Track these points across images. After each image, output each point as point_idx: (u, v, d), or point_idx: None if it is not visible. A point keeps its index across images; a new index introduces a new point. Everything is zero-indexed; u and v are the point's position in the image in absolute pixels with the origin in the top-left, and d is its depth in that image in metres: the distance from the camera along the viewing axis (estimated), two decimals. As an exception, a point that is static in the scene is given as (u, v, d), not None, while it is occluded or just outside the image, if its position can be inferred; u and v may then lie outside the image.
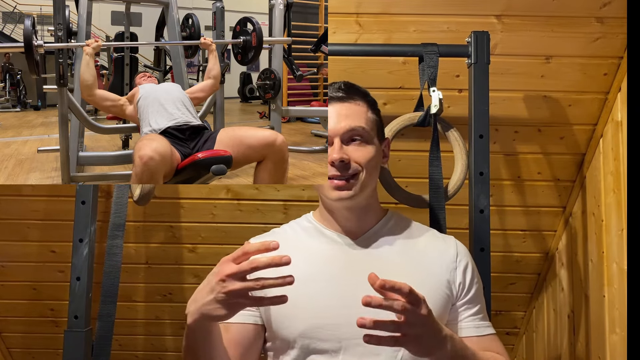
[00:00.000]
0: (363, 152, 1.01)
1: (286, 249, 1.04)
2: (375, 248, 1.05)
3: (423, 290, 0.84)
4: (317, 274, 1.00)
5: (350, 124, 1.00)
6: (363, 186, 1.02)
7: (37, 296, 1.97)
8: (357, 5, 1.56)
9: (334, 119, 1.01)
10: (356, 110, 1.03)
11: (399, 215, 1.13)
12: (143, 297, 1.98)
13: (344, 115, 1.01)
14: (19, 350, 2.11)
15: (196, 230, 1.86)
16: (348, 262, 1.03)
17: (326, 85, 5.29)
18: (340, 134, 1.00)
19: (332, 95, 1.03)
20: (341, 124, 1.00)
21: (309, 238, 1.08)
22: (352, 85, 1.07)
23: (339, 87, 1.04)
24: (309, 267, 1.01)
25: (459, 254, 1.07)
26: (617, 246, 1.55)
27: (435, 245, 1.08)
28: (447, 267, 1.04)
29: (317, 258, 1.03)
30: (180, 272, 1.93)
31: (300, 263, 1.01)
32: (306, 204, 1.80)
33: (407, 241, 1.07)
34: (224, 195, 1.81)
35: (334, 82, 1.07)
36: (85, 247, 1.36)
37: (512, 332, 2.12)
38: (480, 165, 1.37)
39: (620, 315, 1.52)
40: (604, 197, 1.62)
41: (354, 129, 1.00)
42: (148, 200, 1.42)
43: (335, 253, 1.04)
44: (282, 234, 1.10)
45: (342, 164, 0.98)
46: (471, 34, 1.40)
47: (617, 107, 1.57)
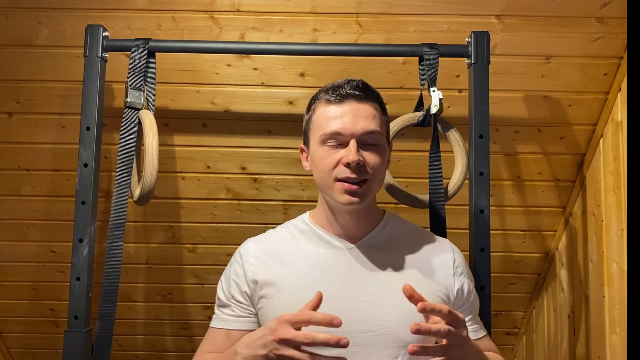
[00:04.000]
0: (377, 158, 0.99)
1: (285, 253, 1.04)
2: (375, 252, 1.03)
3: (423, 293, 0.84)
4: (319, 280, 0.99)
5: (369, 127, 0.97)
6: (372, 191, 1.01)
7: (37, 296, 1.97)
8: (357, 5, 1.56)
9: (350, 118, 0.97)
10: (373, 113, 1.00)
11: (395, 216, 1.12)
12: (143, 297, 1.98)
13: (362, 116, 0.98)
14: (19, 350, 2.11)
15: (196, 230, 1.86)
16: (349, 267, 1.01)
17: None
18: (358, 136, 0.97)
19: (349, 92, 0.99)
20: (359, 124, 0.97)
21: (308, 242, 1.05)
22: (369, 86, 1.03)
23: (357, 86, 1.00)
24: (310, 273, 1.00)
25: (456, 259, 1.07)
26: (617, 246, 1.55)
27: (433, 249, 1.08)
28: (446, 272, 1.04)
29: (318, 263, 1.02)
30: (180, 272, 1.93)
31: (301, 268, 1.01)
32: (306, 204, 1.80)
33: (406, 245, 1.06)
34: (224, 195, 1.81)
35: (349, 79, 1.03)
36: (85, 247, 1.35)
37: (512, 332, 2.12)
38: (480, 165, 1.37)
39: (620, 315, 1.52)
40: (604, 197, 1.62)
41: (372, 132, 0.98)
42: (148, 200, 1.42)
43: (336, 258, 1.03)
44: (278, 236, 1.09)
45: (358, 166, 0.95)
46: (471, 34, 1.40)
47: (617, 107, 1.57)
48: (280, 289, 1.00)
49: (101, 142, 1.43)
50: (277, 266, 1.02)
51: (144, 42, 1.42)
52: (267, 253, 1.05)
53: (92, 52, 1.41)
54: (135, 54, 1.41)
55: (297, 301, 0.90)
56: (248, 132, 1.72)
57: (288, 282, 1.00)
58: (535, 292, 2.01)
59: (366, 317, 0.94)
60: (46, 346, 2.08)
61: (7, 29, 1.58)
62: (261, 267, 1.03)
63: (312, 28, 1.59)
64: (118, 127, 1.41)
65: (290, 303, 0.94)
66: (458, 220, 1.73)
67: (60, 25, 1.58)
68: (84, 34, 1.42)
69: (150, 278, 1.94)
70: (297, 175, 1.77)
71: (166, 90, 1.64)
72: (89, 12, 1.57)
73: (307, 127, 1.04)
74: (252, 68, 1.64)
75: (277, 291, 0.99)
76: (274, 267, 1.02)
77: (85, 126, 1.39)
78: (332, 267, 1.01)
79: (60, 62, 1.62)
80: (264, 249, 1.05)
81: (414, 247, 1.07)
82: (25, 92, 1.66)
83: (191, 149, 1.74)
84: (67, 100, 1.66)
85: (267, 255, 1.04)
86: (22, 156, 1.74)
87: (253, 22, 1.59)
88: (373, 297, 0.97)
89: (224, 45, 1.51)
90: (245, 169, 1.77)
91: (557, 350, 1.92)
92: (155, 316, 2.02)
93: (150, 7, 1.57)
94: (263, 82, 1.66)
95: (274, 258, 1.03)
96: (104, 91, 1.44)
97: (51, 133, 1.71)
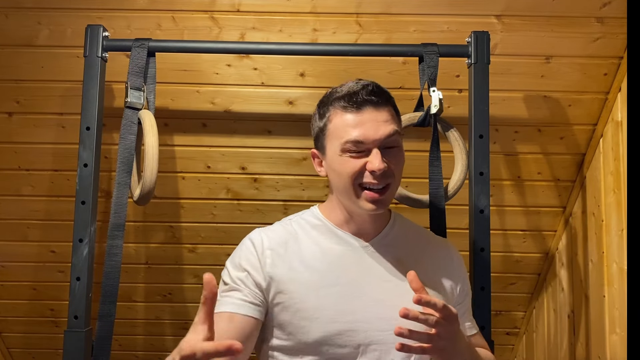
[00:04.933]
0: (399, 159, 0.98)
1: (301, 247, 1.02)
2: (387, 251, 1.04)
3: (433, 290, 0.89)
4: (336, 276, 0.98)
5: (390, 131, 0.96)
6: (393, 195, 1.00)
7: (37, 296, 1.97)
8: (357, 5, 1.56)
9: (370, 125, 0.95)
10: (390, 116, 0.98)
11: (400, 215, 1.13)
12: (143, 297, 1.98)
13: (382, 121, 0.96)
14: (19, 350, 2.11)
15: (196, 230, 1.86)
16: (366, 265, 1.01)
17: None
18: (380, 142, 0.95)
19: (366, 98, 0.96)
20: (380, 131, 0.95)
21: (323, 238, 1.04)
22: (382, 88, 1.01)
23: (372, 91, 0.97)
24: (328, 269, 0.99)
25: (458, 259, 1.10)
26: (617, 246, 1.55)
27: (437, 248, 1.10)
28: (450, 269, 1.07)
29: (335, 260, 1.01)
30: (180, 272, 1.93)
31: (319, 265, 1.00)
32: (306, 204, 1.80)
33: (413, 244, 1.08)
34: (224, 195, 1.81)
35: (362, 82, 1.00)
36: (85, 247, 1.36)
37: (512, 332, 2.12)
38: (480, 165, 1.37)
39: (620, 315, 1.52)
40: (604, 197, 1.62)
41: (392, 135, 0.96)
42: (148, 200, 1.42)
43: (353, 255, 1.02)
44: (290, 229, 1.06)
45: (384, 172, 0.94)
46: (471, 34, 1.40)
47: (617, 107, 1.57)
48: (300, 285, 0.98)
49: (101, 142, 1.43)
50: (294, 261, 1.00)
51: (144, 42, 1.42)
52: (282, 245, 1.02)
53: (92, 52, 1.41)
54: (135, 54, 1.41)
55: (316, 298, 0.92)
56: (248, 132, 1.72)
57: (308, 279, 0.98)
58: (535, 292, 2.01)
59: (384, 315, 0.94)
60: (46, 346, 2.08)
61: (7, 29, 1.58)
62: (279, 262, 1.00)
63: (312, 28, 1.59)
64: (118, 127, 1.41)
65: (309, 300, 0.95)
66: (458, 220, 1.73)
67: (60, 25, 1.58)
68: (84, 34, 1.42)
69: (150, 278, 1.94)
70: (297, 175, 1.77)
71: (166, 90, 1.64)
72: (89, 12, 1.57)
73: (322, 135, 1.02)
74: (252, 68, 1.64)
75: (297, 287, 0.97)
76: (291, 261, 1.00)
77: (85, 126, 1.39)
78: (350, 265, 1.01)
79: (60, 62, 1.62)
80: (278, 242, 1.02)
81: (420, 245, 1.08)
82: (25, 92, 1.66)
83: (191, 149, 1.74)
84: (67, 100, 1.66)
85: (283, 248, 1.01)
86: (22, 156, 1.74)
87: (253, 22, 1.59)
88: (388, 293, 0.98)
89: (224, 45, 1.51)
90: (245, 169, 1.77)
91: (557, 350, 1.92)
92: (155, 316, 2.02)
93: (150, 7, 1.57)
94: (263, 82, 1.66)
95: (290, 252, 1.01)
96: (104, 91, 1.44)
97: (51, 133, 1.71)
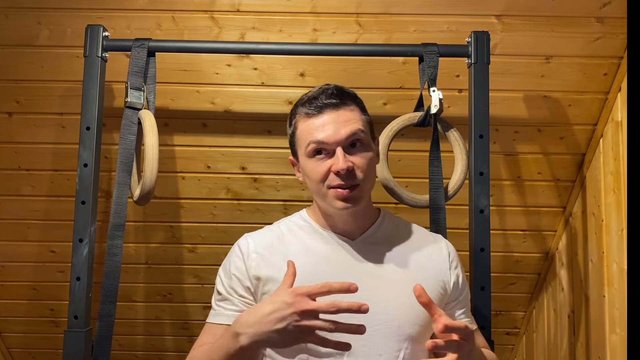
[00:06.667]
0: (365, 158, 1.00)
1: (287, 248, 1.05)
2: (374, 249, 1.05)
3: (424, 287, 0.87)
4: (322, 275, 0.99)
5: (351, 130, 0.98)
6: (365, 192, 1.02)
7: (37, 296, 1.97)
8: (357, 5, 1.56)
9: (330, 127, 0.98)
10: (352, 116, 1.00)
11: (390, 214, 1.13)
12: (143, 297, 1.98)
13: (342, 121, 0.99)
14: (19, 350, 2.11)
15: (196, 230, 1.86)
16: (352, 261, 1.03)
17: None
18: (342, 142, 0.98)
19: (326, 102, 1.00)
20: (341, 131, 0.98)
21: (309, 237, 1.07)
22: (343, 89, 1.04)
23: (332, 93, 1.01)
24: (313, 268, 1.01)
25: (451, 254, 1.10)
26: (617, 246, 1.55)
27: (428, 245, 1.10)
28: (442, 267, 1.07)
29: (320, 258, 1.03)
30: (180, 272, 1.93)
31: (304, 263, 1.01)
32: (306, 204, 1.80)
33: (402, 241, 1.08)
34: (224, 195, 1.81)
35: (323, 86, 1.03)
36: (85, 247, 1.35)
37: (512, 332, 2.12)
38: (480, 165, 1.37)
39: (620, 315, 1.52)
40: (604, 197, 1.62)
41: (355, 134, 0.99)
42: (148, 200, 1.42)
43: (336, 254, 1.04)
44: (277, 231, 1.09)
45: (348, 172, 0.97)
46: (471, 34, 1.40)
47: (617, 107, 1.57)
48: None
49: (101, 142, 1.43)
50: (279, 261, 1.02)
51: (144, 42, 1.42)
52: (268, 248, 1.05)
53: (92, 52, 1.41)
54: (135, 54, 1.41)
55: None
56: (248, 132, 1.72)
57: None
58: (535, 292, 2.01)
59: (370, 310, 0.95)
60: (46, 346, 2.08)
61: (7, 29, 1.58)
62: (263, 263, 1.03)
63: (312, 28, 1.59)
64: (118, 127, 1.41)
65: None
66: (458, 220, 1.73)
67: (60, 25, 1.58)
68: (84, 34, 1.42)
69: (150, 278, 1.94)
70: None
71: (166, 90, 1.64)
72: (89, 12, 1.57)
73: (293, 142, 1.07)
74: (252, 68, 1.64)
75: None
76: (276, 262, 1.02)
77: (85, 126, 1.39)
78: (335, 261, 1.02)
79: (60, 62, 1.62)
80: (264, 245, 1.05)
81: (410, 242, 1.08)
82: (25, 92, 1.66)
83: (191, 149, 1.74)
84: (67, 100, 1.66)
85: (268, 251, 1.04)
86: (22, 156, 1.74)
87: (253, 22, 1.59)
88: (376, 290, 0.99)
89: (224, 45, 1.51)
90: (245, 169, 1.77)
91: (557, 350, 1.92)
92: (155, 316, 2.02)
93: (150, 7, 1.57)
94: (263, 82, 1.66)
95: (276, 253, 1.04)
96: (104, 91, 1.43)
97: (51, 133, 1.71)
